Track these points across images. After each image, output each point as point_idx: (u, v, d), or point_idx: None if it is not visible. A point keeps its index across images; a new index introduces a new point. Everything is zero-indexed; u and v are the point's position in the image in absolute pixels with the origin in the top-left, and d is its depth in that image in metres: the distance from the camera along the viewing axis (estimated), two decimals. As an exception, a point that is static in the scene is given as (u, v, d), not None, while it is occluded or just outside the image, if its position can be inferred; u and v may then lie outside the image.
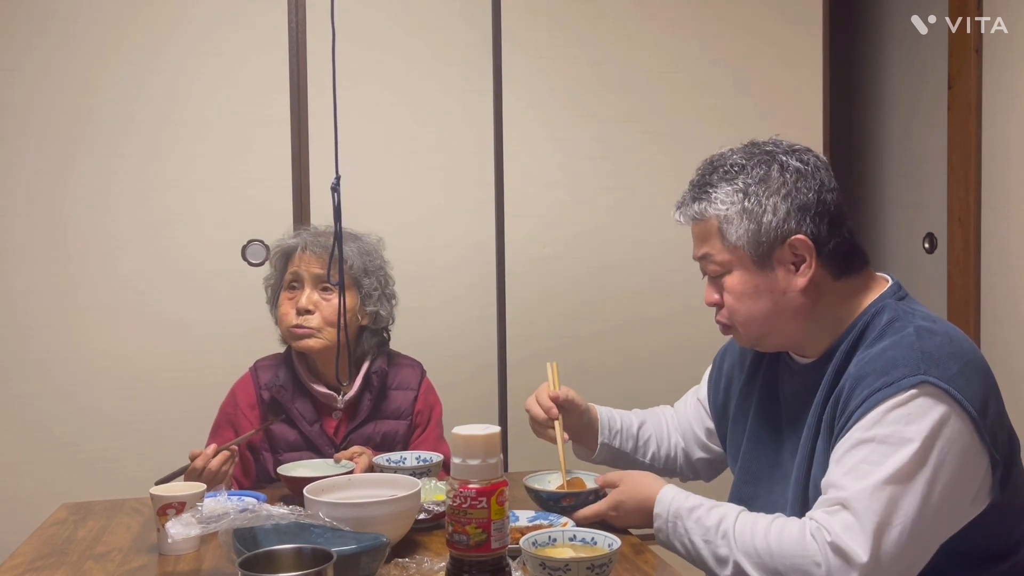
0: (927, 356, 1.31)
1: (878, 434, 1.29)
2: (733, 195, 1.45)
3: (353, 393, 2.08)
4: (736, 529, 1.35)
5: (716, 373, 1.77)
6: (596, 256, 3.03)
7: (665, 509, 1.46)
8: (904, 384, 1.29)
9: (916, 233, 3.36)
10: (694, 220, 1.51)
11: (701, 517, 1.40)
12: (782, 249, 1.43)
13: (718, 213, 1.46)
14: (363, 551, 1.34)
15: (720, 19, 3.10)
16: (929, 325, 1.37)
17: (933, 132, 3.27)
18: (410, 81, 2.89)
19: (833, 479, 1.32)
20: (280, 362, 2.13)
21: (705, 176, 1.52)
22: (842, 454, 1.32)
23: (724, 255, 1.47)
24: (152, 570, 1.55)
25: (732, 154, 1.51)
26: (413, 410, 2.14)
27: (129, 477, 2.60)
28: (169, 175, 2.76)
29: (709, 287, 1.54)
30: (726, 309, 1.50)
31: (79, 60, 2.69)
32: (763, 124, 3.07)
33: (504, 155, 2.96)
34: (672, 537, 1.45)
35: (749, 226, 1.43)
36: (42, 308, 2.70)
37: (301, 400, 2.06)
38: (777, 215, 1.43)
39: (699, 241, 1.52)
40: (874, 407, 1.30)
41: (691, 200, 1.51)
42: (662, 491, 1.48)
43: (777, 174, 1.44)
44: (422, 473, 1.85)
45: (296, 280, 2.07)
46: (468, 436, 1.19)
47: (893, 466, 1.26)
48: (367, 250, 2.12)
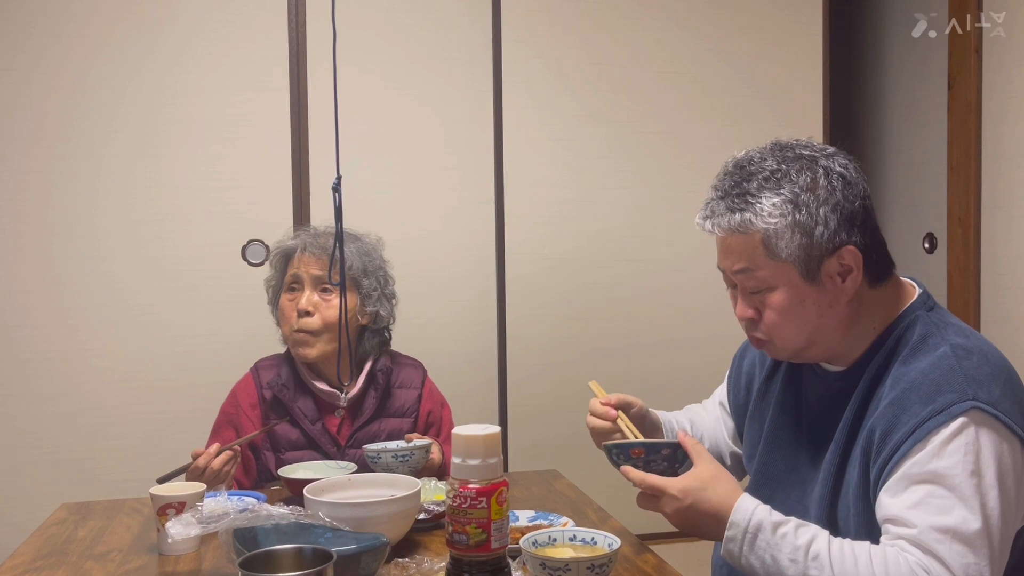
0: (970, 379, 1.29)
1: (939, 468, 1.26)
2: (783, 206, 1.35)
3: (356, 391, 2.08)
4: (832, 554, 1.28)
5: (736, 372, 1.74)
6: (597, 256, 3.03)
7: (745, 519, 1.31)
8: (954, 411, 1.27)
9: (916, 233, 3.36)
10: (732, 232, 1.39)
11: (788, 534, 1.30)
12: (830, 261, 1.36)
13: (766, 227, 1.35)
14: (363, 551, 1.34)
15: (721, 19, 3.11)
16: (963, 342, 1.35)
17: (933, 132, 3.27)
18: (410, 81, 2.89)
19: (899, 515, 1.28)
20: (281, 361, 2.13)
21: (740, 183, 1.39)
22: (902, 489, 1.28)
23: (769, 271, 1.37)
24: (152, 570, 1.55)
25: (763, 158, 1.40)
26: (418, 409, 2.15)
27: (129, 477, 2.60)
28: (169, 175, 2.76)
29: (743, 302, 1.44)
30: (765, 325, 1.42)
31: (73, 58, 2.69)
32: (764, 124, 3.08)
33: (504, 155, 2.96)
34: (748, 550, 1.31)
35: (801, 240, 1.35)
36: (42, 308, 2.70)
37: (303, 399, 2.06)
38: (828, 227, 1.35)
39: (735, 254, 1.41)
40: (925, 437, 1.27)
41: (727, 210, 1.39)
42: (741, 499, 1.34)
43: (824, 181, 1.36)
44: (404, 457, 1.85)
45: (296, 282, 2.07)
46: (468, 436, 1.19)
47: (964, 505, 1.25)
48: (366, 250, 2.12)
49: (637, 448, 1.41)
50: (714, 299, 3.03)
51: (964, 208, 3.09)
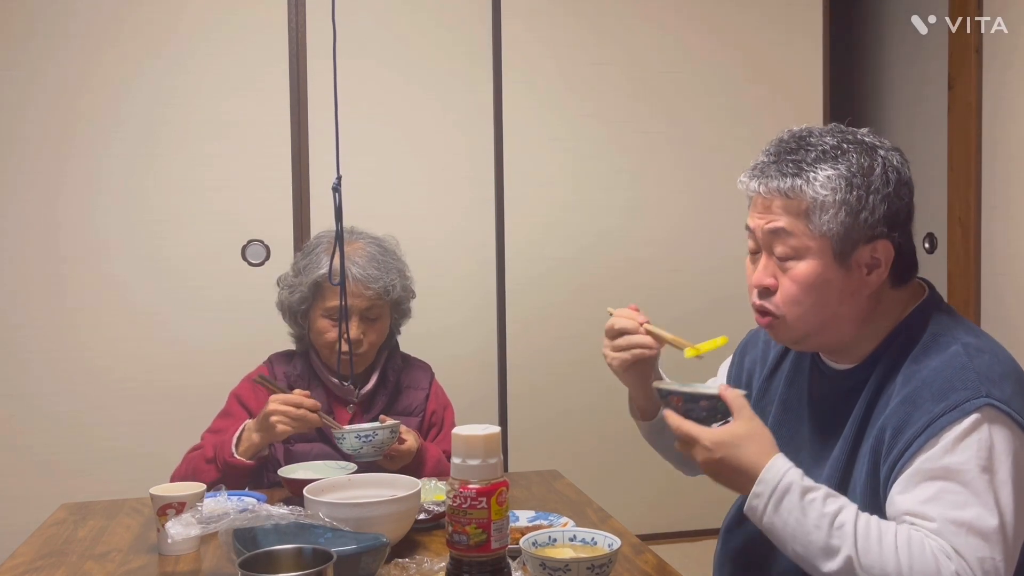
0: (983, 377, 1.29)
1: (952, 463, 1.26)
2: (836, 180, 1.34)
3: (369, 388, 2.13)
4: (858, 527, 1.27)
5: (736, 368, 1.73)
6: (597, 256, 3.03)
7: (775, 478, 1.30)
8: (967, 408, 1.27)
9: (916, 233, 3.35)
10: (780, 194, 1.36)
11: (816, 500, 1.29)
12: (864, 249, 1.36)
13: (816, 196, 1.34)
14: (363, 551, 1.34)
15: (721, 20, 3.11)
16: (974, 341, 1.36)
17: (933, 132, 3.27)
18: (410, 81, 2.89)
19: (915, 509, 1.28)
20: (295, 355, 2.18)
21: (797, 151, 1.37)
22: (915, 485, 1.28)
23: (805, 240, 1.36)
24: (152, 570, 1.55)
25: (823, 134, 1.39)
26: (425, 409, 2.19)
27: (129, 477, 2.60)
28: (169, 175, 2.76)
29: (764, 268, 1.41)
30: (782, 297, 1.39)
31: (75, 60, 2.69)
32: (764, 124, 3.08)
33: (504, 155, 2.96)
34: (772, 510, 1.30)
35: (845, 219, 1.34)
36: (41, 308, 2.70)
37: (316, 392, 2.09)
38: (874, 215, 1.35)
39: (774, 214, 1.38)
40: (938, 433, 1.27)
41: (779, 173, 1.36)
42: (776, 458, 1.32)
43: (880, 171, 1.36)
44: (367, 436, 1.86)
45: (339, 312, 2.04)
46: (468, 436, 1.19)
47: (978, 500, 1.25)
48: (401, 268, 2.14)
49: (676, 396, 1.41)
50: (715, 299, 3.04)
51: (964, 208, 3.09)
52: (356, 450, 1.87)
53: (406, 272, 2.18)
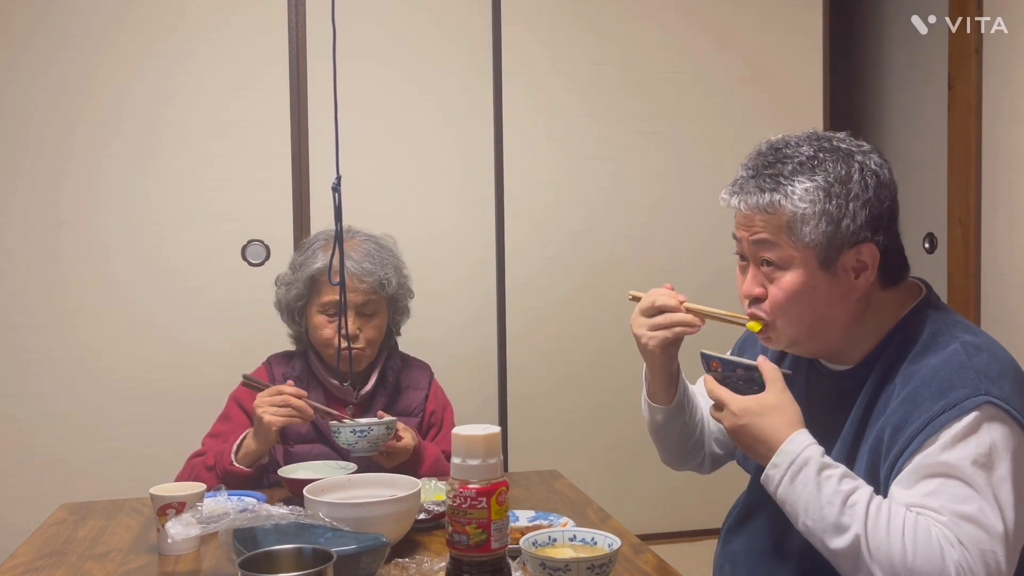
0: (982, 375, 1.30)
1: (951, 460, 1.27)
2: (814, 192, 1.35)
3: (368, 388, 2.12)
4: (869, 509, 1.28)
5: None
6: (597, 256, 3.03)
7: (795, 451, 1.33)
8: (967, 406, 1.28)
9: (916, 233, 3.36)
10: (760, 210, 1.39)
11: (832, 477, 1.30)
12: (849, 254, 1.37)
13: (795, 210, 1.36)
14: (363, 551, 1.34)
15: (720, 20, 3.10)
16: (973, 339, 1.36)
17: (933, 132, 3.27)
18: (410, 81, 2.89)
19: (918, 502, 1.28)
20: (293, 356, 2.18)
21: (774, 164, 1.39)
22: (914, 482, 1.29)
23: (789, 251, 1.38)
24: (152, 570, 1.55)
25: (799, 144, 1.41)
26: (424, 409, 2.19)
27: (129, 477, 2.60)
28: (169, 175, 2.75)
29: (752, 278, 1.44)
30: (770, 305, 1.42)
31: (76, 60, 2.69)
32: (765, 124, 3.07)
33: (504, 155, 2.96)
34: (788, 482, 1.33)
35: (826, 228, 1.36)
36: (41, 308, 2.70)
37: (315, 392, 2.10)
38: (856, 222, 1.36)
39: (757, 227, 1.40)
40: (937, 431, 1.28)
41: (757, 189, 1.38)
42: (798, 432, 1.35)
43: (858, 177, 1.37)
44: (362, 432, 1.86)
45: (335, 307, 2.06)
46: (468, 436, 1.19)
47: (980, 496, 1.25)
48: (397, 265, 2.14)
49: (716, 361, 1.46)
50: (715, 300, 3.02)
51: (964, 208, 3.09)
52: (351, 444, 1.87)
53: (403, 269, 2.17)
